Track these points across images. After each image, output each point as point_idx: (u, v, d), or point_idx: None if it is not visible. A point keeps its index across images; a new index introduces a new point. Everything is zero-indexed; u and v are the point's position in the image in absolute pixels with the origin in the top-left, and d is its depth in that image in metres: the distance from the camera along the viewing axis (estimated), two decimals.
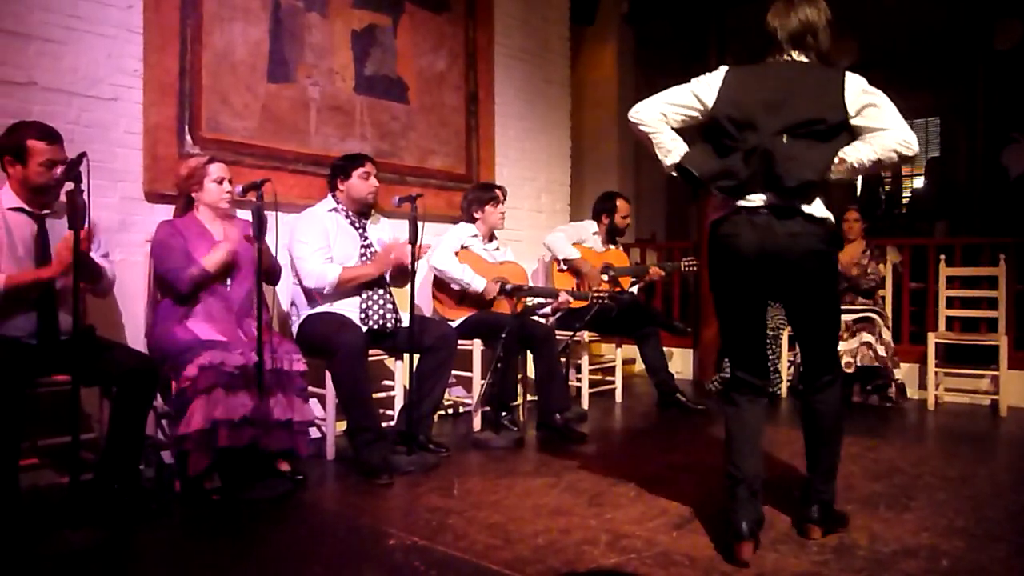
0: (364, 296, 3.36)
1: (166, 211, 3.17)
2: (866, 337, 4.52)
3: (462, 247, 4.09)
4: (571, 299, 4.15)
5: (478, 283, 3.95)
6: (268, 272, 3.01)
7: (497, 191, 4.17)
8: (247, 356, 2.72)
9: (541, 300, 4.19)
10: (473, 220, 4.15)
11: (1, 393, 2.25)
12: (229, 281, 3.00)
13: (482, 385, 3.81)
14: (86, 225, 2.59)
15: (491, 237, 4.24)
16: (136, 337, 3.13)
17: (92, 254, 2.65)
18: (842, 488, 2.84)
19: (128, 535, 2.33)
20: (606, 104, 6.99)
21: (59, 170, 2.42)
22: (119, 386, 2.56)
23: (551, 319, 4.41)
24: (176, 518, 2.54)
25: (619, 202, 4.79)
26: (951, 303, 4.88)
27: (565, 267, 4.59)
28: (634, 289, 4.77)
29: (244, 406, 2.69)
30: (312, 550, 2.26)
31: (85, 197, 2.26)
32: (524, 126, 5.12)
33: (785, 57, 2.25)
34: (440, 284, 4.08)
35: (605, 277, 4.60)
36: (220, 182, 3.02)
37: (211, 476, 2.68)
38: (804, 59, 2.24)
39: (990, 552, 2.23)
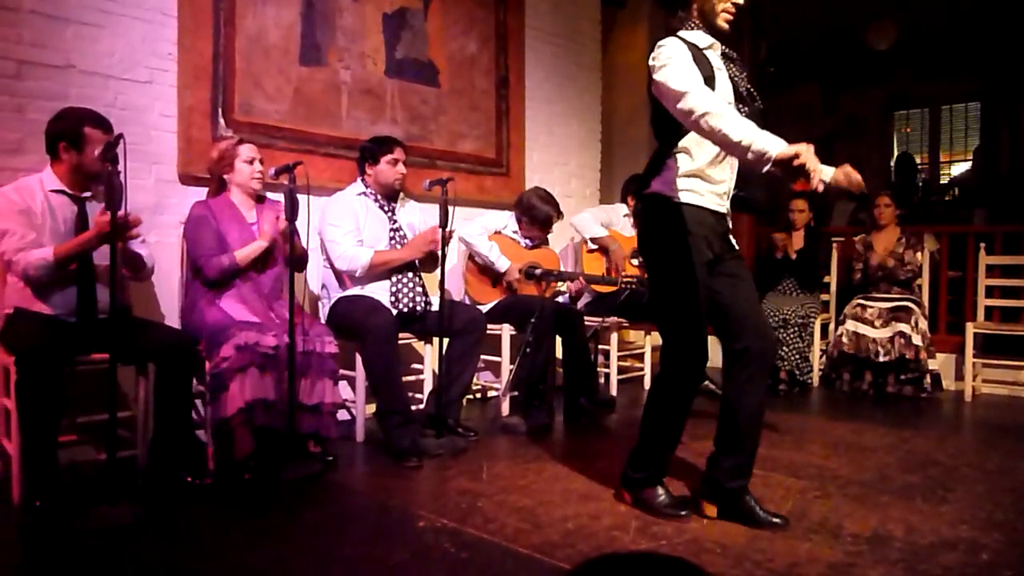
0: (394, 279, 3.37)
1: (199, 194, 3.19)
2: (902, 327, 4.43)
3: (496, 231, 4.09)
4: (583, 283, 4.14)
5: (502, 263, 3.96)
6: (295, 259, 3.02)
7: (554, 216, 4.09)
8: (280, 337, 2.74)
9: (560, 288, 4.17)
10: (520, 222, 4.18)
11: (43, 370, 2.30)
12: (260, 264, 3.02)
13: (510, 370, 3.81)
14: (128, 212, 2.62)
15: None
16: (171, 317, 3.18)
17: (131, 244, 2.68)
18: (877, 479, 2.81)
19: (164, 512, 2.37)
20: (637, 88, 6.86)
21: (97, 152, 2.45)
22: (157, 364, 2.60)
23: (572, 305, 4.39)
24: (210, 496, 2.57)
25: None
26: (990, 292, 4.77)
27: (594, 247, 4.56)
28: None
29: (277, 387, 2.71)
30: (344, 529, 2.28)
31: (122, 179, 2.29)
32: (554, 110, 5.08)
33: None
34: (474, 267, 4.08)
35: (635, 262, 4.55)
36: (251, 162, 3.04)
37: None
38: None
39: None
